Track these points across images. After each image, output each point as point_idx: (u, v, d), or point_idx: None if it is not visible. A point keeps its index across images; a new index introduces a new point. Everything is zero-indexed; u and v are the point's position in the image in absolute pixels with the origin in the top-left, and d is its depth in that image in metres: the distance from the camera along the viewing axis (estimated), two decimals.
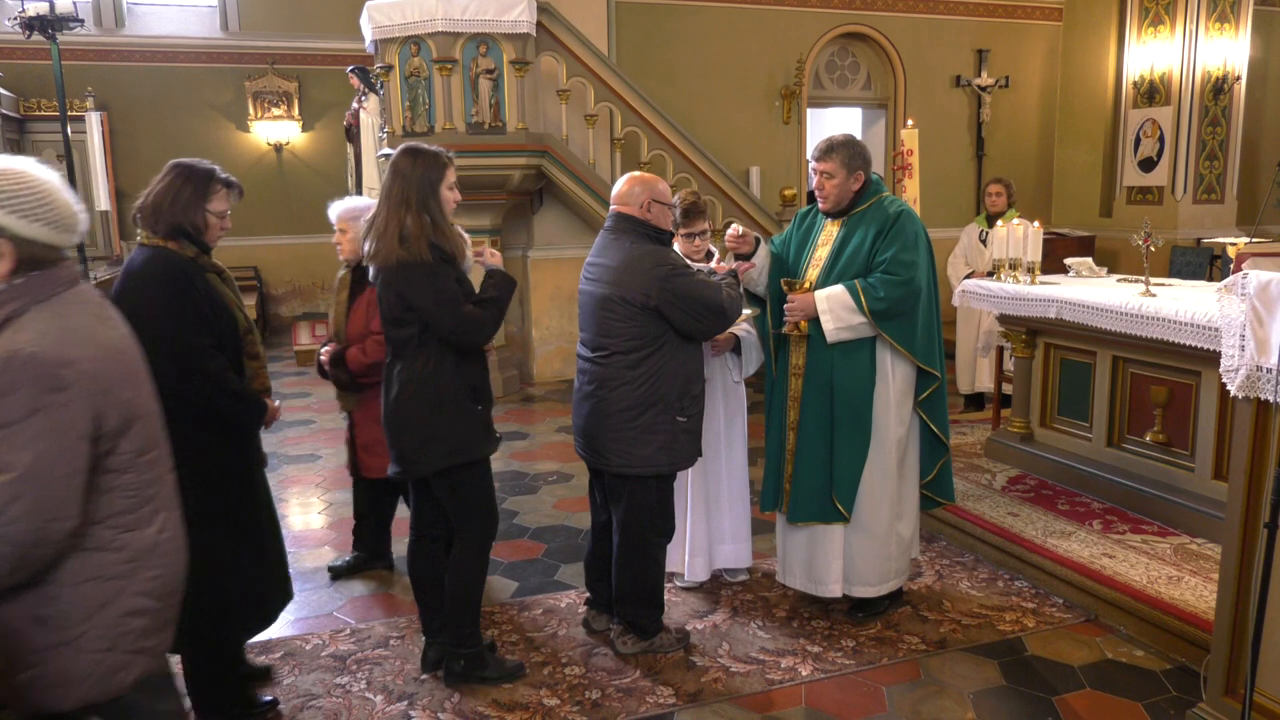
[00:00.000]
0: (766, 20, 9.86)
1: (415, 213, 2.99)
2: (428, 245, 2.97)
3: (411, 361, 3.07)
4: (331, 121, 11.47)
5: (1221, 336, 2.66)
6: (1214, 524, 3.91)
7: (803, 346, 3.59)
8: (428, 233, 2.99)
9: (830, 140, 3.54)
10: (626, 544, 3.41)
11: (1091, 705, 3.13)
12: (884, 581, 3.67)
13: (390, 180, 3.05)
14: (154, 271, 2.77)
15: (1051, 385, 5.14)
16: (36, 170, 1.79)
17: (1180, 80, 9.40)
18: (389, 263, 2.99)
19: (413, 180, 3.01)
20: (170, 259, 2.80)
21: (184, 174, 2.85)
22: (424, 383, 3.06)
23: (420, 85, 7.28)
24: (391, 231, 2.97)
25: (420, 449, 3.10)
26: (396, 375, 3.11)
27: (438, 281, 3.00)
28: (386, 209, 3.02)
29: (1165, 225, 9.33)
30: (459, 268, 3.10)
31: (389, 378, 3.16)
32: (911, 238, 3.46)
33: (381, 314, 3.14)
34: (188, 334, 2.75)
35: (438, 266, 3.00)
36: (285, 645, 3.60)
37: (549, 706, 3.16)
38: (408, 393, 3.08)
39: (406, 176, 3.02)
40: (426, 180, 3.02)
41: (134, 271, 2.79)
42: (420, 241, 2.96)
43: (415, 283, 2.98)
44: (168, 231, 2.82)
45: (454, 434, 3.09)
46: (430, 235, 2.99)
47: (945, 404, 3.69)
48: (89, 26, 10.27)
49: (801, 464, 3.60)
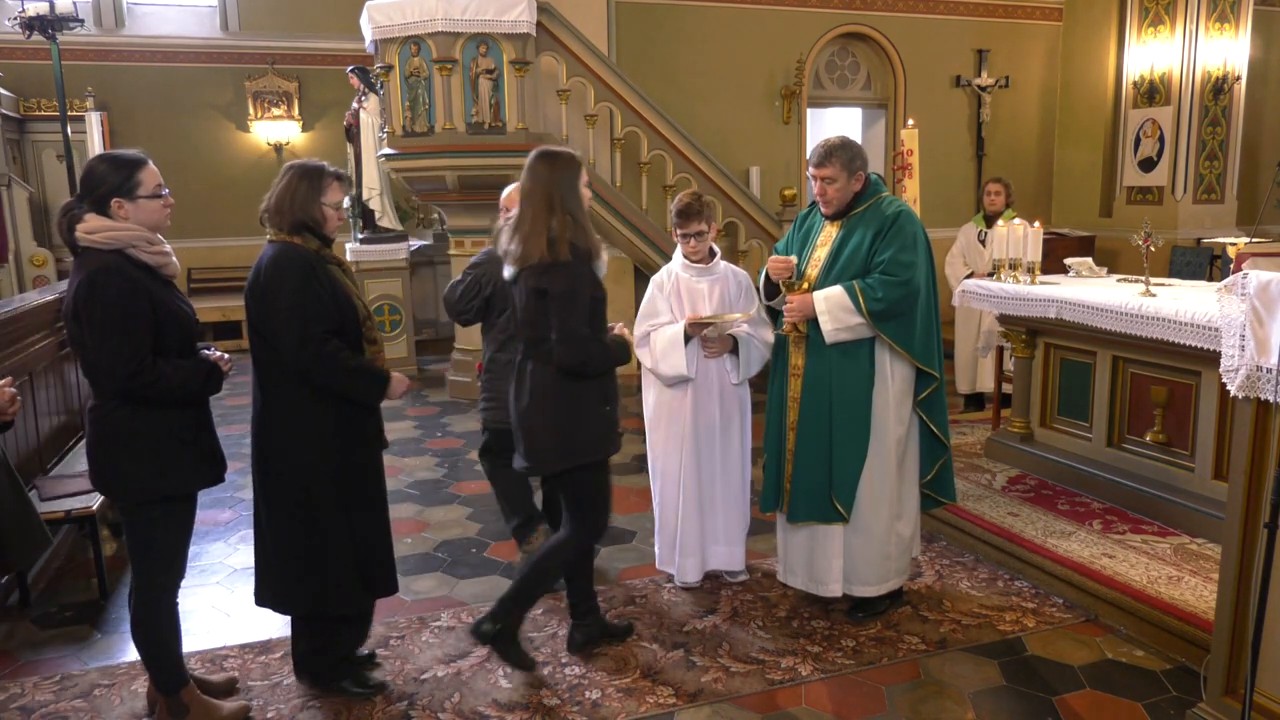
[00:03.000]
0: (766, 20, 9.86)
1: (560, 214, 3.13)
2: (569, 246, 3.12)
3: (547, 363, 3.20)
4: (331, 121, 11.46)
5: (1221, 336, 2.66)
6: (1214, 524, 3.91)
7: (801, 347, 3.59)
8: (570, 233, 3.13)
9: (827, 145, 3.51)
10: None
11: (1091, 705, 3.13)
12: (883, 581, 3.67)
13: (531, 184, 3.18)
14: (281, 265, 2.92)
15: (1051, 385, 5.14)
16: None
17: (1180, 80, 9.41)
18: (532, 262, 3.11)
19: (554, 182, 3.16)
20: (296, 253, 2.95)
21: (299, 173, 3.00)
22: (558, 383, 3.20)
23: (420, 85, 7.28)
24: (539, 232, 3.11)
25: (550, 448, 3.26)
26: (530, 374, 3.24)
27: (576, 282, 3.15)
28: (532, 211, 3.15)
29: (1165, 225, 9.34)
30: (594, 265, 3.24)
31: (520, 375, 3.29)
32: (910, 238, 3.45)
33: (520, 314, 3.25)
34: (312, 322, 2.89)
35: (578, 266, 3.15)
36: (285, 645, 3.59)
37: (549, 706, 3.16)
38: (541, 392, 3.21)
39: (547, 179, 3.17)
40: (566, 181, 3.18)
41: (264, 266, 2.95)
42: (564, 243, 3.11)
43: (558, 282, 3.12)
44: (291, 227, 2.97)
45: (583, 435, 3.24)
46: (572, 234, 3.14)
47: (945, 404, 3.68)
48: (89, 26, 10.26)
49: (801, 464, 3.60)
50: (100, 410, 2.80)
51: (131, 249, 2.73)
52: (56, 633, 3.76)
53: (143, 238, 2.76)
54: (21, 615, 3.90)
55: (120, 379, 2.69)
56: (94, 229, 2.70)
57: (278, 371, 2.96)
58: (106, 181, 2.73)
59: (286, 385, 2.97)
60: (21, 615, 3.90)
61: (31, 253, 10.08)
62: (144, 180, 2.77)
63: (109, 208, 2.73)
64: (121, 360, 2.66)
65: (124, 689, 3.31)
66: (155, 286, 2.78)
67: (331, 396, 2.98)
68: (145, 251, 2.76)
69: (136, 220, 2.76)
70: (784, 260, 3.59)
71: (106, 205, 2.73)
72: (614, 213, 7.81)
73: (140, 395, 2.73)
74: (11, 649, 3.63)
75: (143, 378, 2.69)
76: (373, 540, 3.16)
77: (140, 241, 2.75)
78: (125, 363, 2.67)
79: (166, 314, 2.77)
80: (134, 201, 2.75)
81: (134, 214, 2.76)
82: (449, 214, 8.23)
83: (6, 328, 4.33)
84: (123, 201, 2.74)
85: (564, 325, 3.11)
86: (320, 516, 3.02)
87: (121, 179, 2.74)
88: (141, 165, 2.79)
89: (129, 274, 2.70)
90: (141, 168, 2.78)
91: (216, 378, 2.90)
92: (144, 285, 2.73)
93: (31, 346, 4.67)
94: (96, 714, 3.16)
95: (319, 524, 3.02)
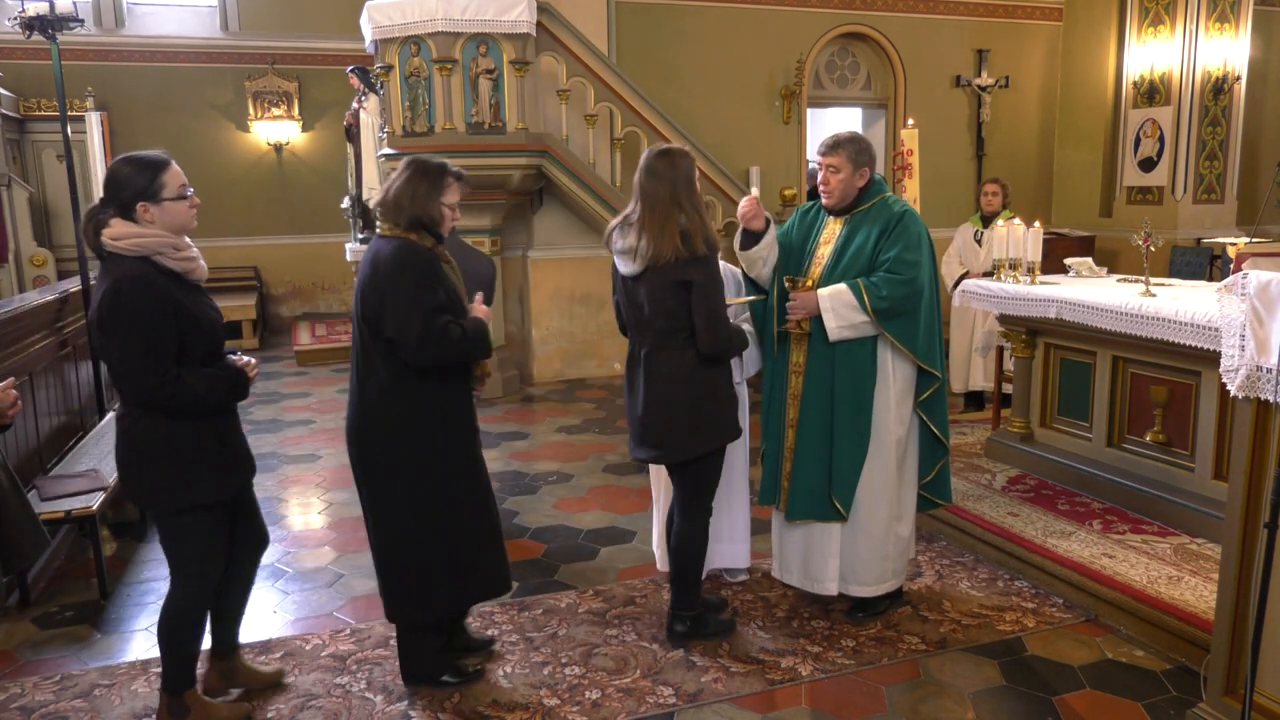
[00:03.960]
0: (766, 20, 9.86)
1: (687, 211, 3.22)
2: (704, 240, 3.22)
3: (683, 351, 3.29)
4: (331, 121, 11.47)
5: (1221, 336, 2.66)
6: (1214, 524, 3.91)
7: (804, 345, 3.59)
8: (699, 227, 3.23)
9: (837, 136, 3.54)
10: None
11: (1091, 705, 3.13)
12: (881, 582, 3.67)
13: (653, 183, 3.23)
14: (402, 260, 2.95)
15: (1051, 385, 5.14)
16: None
17: (1180, 80, 9.41)
18: (666, 259, 3.18)
19: (677, 180, 3.23)
20: (416, 249, 2.99)
21: (420, 170, 3.03)
22: (696, 370, 3.30)
23: (420, 85, 7.28)
24: (670, 230, 3.18)
25: (686, 435, 3.34)
26: (663, 362, 3.31)
27: (715, 273, 3.29)
28: (660, 209, 3.21)
29: (1165, 225, 9.34)
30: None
31: (650, 366, 3.34)
32: (915, 238, 3.46)
33: (652, 307, 3.28)
34: (428, 310, 2.91)
35: (712, 257, 3.28)
36: (285, 645, 3.60)
37: (549, 706, 3.16)
38: (679, 380, 3.30)
39: (670, 177, 3.23)
40: (688, 177, 3.25)
41: (382, 259, 2.97)
42: (699, 237, 3.20)
43: (700, 273, 3.22)
44: (408, 224, 3.00)
45: (720, 419, 3.38)
46: (701, 229, 3.23)
47: (945, 405, 3.68)
48: (89, 26, 10.27)
49: (800, 462, 3.60)
50: (127, 419, 2.79)
51: (158, 256, 2.71)
52: (56, 633, 3.76)
53: (169, 244, 2.73)
54: (21, 615, 3.90)
55: (144, 390, 2.68)
56: (120, 235, 2.67)
57: (386, 366, 2.99)
58: (131, 185, 2.70)
59: (393, 382, 3.00)
60: (21, 615, 3.90)
61: (31, 253, 10.09)
62: (168, 182, 2.75)
63: (135, 212, 2.70)
64: (144, 372, 2.65)
65: (124, 689, 3.31)
66: (182, 293, 2.75)
67: (441, 392, 3.03)
68: (171, 258, 2.74)
69: (163, 223, 2.73)
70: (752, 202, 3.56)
71: (132, 209, 2.70)
72: (614, 213, 7.77)
73: (165, 406, 2.72)
74: (11, 649, 3.63)
75: (166, 389, 2.67)
76: (484, 537, 3.22)
77: (166, 248, 2.73)
78: (148, 374, 2.65)
79: (192, 321, 2.75)
80: (159, 204, 2.72)
81: (160, 217, 2.73)
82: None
83: (6, 328, 4.34)
84: (148, 205, 2.71)
85: (712, 313, 3.23)
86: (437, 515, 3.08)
87: (146, 182, 2.71)
88: (165, 167, 2.76)
89: (154, 282, 2.68)
90: (165, 169, 2.75)
91: (243, 384, 2.89)
92: (169, 294, 2.70)
93: (31, 346, 4.67)
94: (96, 714, 3.16)
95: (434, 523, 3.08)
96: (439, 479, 3.07)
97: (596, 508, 5.16)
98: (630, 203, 3.33)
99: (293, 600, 4.06)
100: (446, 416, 3.07)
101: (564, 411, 7.27)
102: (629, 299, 3.39)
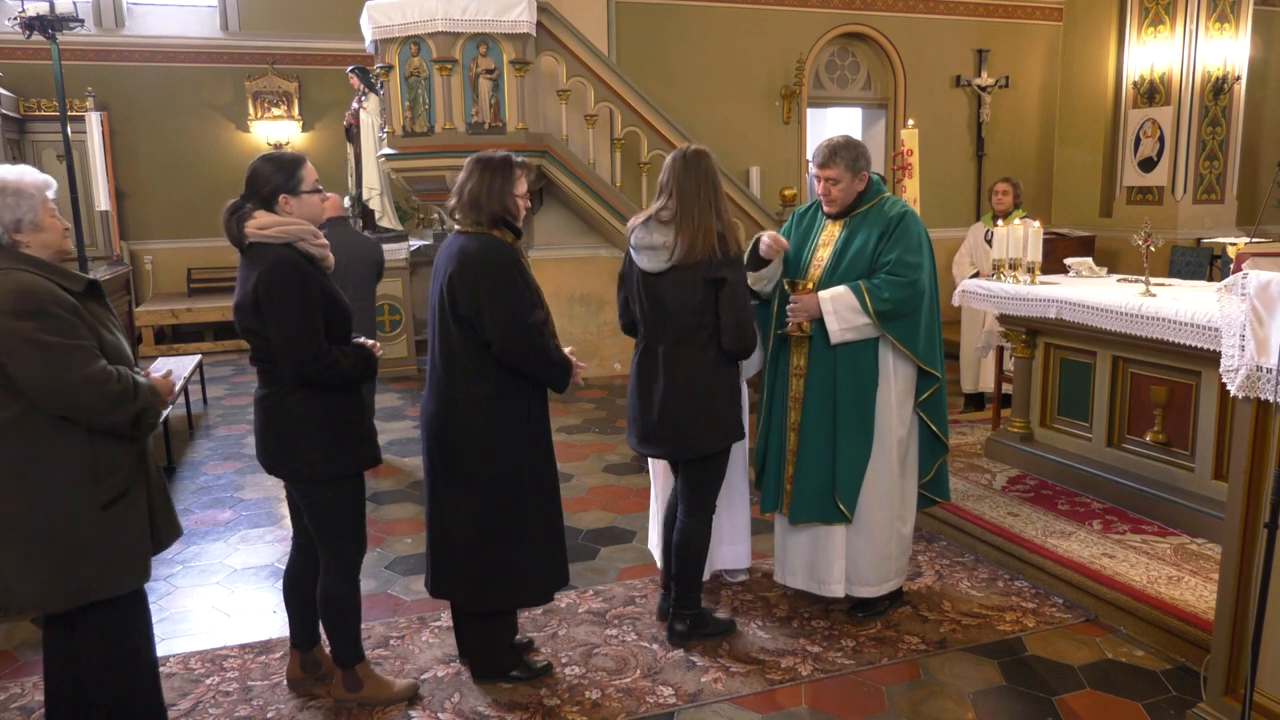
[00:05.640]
0: (766, 20, 9.86)
1: (718, 213, 3.30)
2: (735, 241, 3.33)
3: (704, 349, 3.34)
4: (331, 121, 11.47)
5: (1221, 336, 2.66)
6: (1214, 524, 3.91)
7: (804, 347, 3.59)
8: (732, 228, 3.34)
9: (831, 144, 3.52)
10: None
11: (1091, 705, 3.13)
12: (884, 581, 3.68)
13: (691, 181, 3.27)
14: (490, 256, 3.03)
15: (1051, 385, 5.14)
16: None
17: (1180, 80, 9.40)
18: (698, 258, 3.23)
19: (714, 181, 3.32)
20: (502, 246, 3.07)
21: (489, 166, 3.11)
22: (715, 368, 3.37)
23: (420, 85, 7.29)
24: (708, 228, 3.25)
25: (703, 431, 3.39)
26: (685, 359, 3.36)
27: (742, 274, 3.39)
28: (699, 208, 3.25)
29: (1165, 225, 9.33)
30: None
31: (671, 362, 3.37)
32: (915, 239, 3.46)
33: (676, 303, 3.32)
34: (524, 312, 3.02)
35: (740, 259, 3.38)
36: (285, 645, 3.59)
37: (549, 706, 3.16)
38: (699, 378, 3.36)
39: (708, 177, 3.30)
40: (717, 179, 3.34)
41: (470, 255, 3.04)
42: (731, 238, 3.31)
43: (733, 273, 3.29)
44: (490, 221, 3.09)
45: (732, 420, 3.45)
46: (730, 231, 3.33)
47: (945, 405, 3.69)
48: (89, 26, 10.26)
49: (803, 465, 3.60)
50: (273, 398, 2.95)
51: (300, 242, 2.90)
52: None
53: (309, 230, 2.93)
54: (21, 615, 3.90)
55: (303, 364, 2.84)
56: (265, 224, 2.86)
57: (473, 361, 3.05)
58: (272, 180, 2.91)
59: (481, 375, 3.06)
60: (21, 615, 3.90)
61: None
62: (305, 177, 2.95)
63: (276, 204, 2.91)
64: (304, 346, 2.83)
65: None
66: (321, 277, 2.94)
67: (524, 386, 3.12)
68: (311, 244, 2.93)
69: (299, 214, 2.93)
70: (780, 241, 3.57)
71: (274, 202, 2.91)
72: (614, 213, 7.81)
73: (317, 379, 2.89)
74: (11, 649, 3.64)
75: (321, 361, 2.86)
76: (559, 529, 3.29)
77: (307, 234, 2.92)
78: (308, 347, 2.83)
79: (333, 303, 2.94)
80: (298, 197, 2.93)
81: (298, 209, 2.93)
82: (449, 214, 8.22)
83: None
84: (288, 197, 2.91)
85: (742, 312, 3.31)
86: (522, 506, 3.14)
87: (285, 177, 2.92)
88: (302, 163, 2.98)
89: (302, 265, 2.87)
90: (302, 166, 2.97)
91: (375, 364, 3.07)
92: (314, 276, 2.91)
93: None
94: None
95: (520, 513, 3.14)
96: (525, 469, 3.15)
97: (596, 508, 5.16)
98: (659, 199, 3.35)
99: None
100: (530, 407, 3.15)
101: (564, 411, 7.27)
102: (648, 294, 3.38)
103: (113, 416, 2.49)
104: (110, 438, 2.54)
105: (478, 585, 3.18)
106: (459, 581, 3.20)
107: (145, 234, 11.24)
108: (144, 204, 11.24)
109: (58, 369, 2.40)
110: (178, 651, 3.58)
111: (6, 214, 2.48)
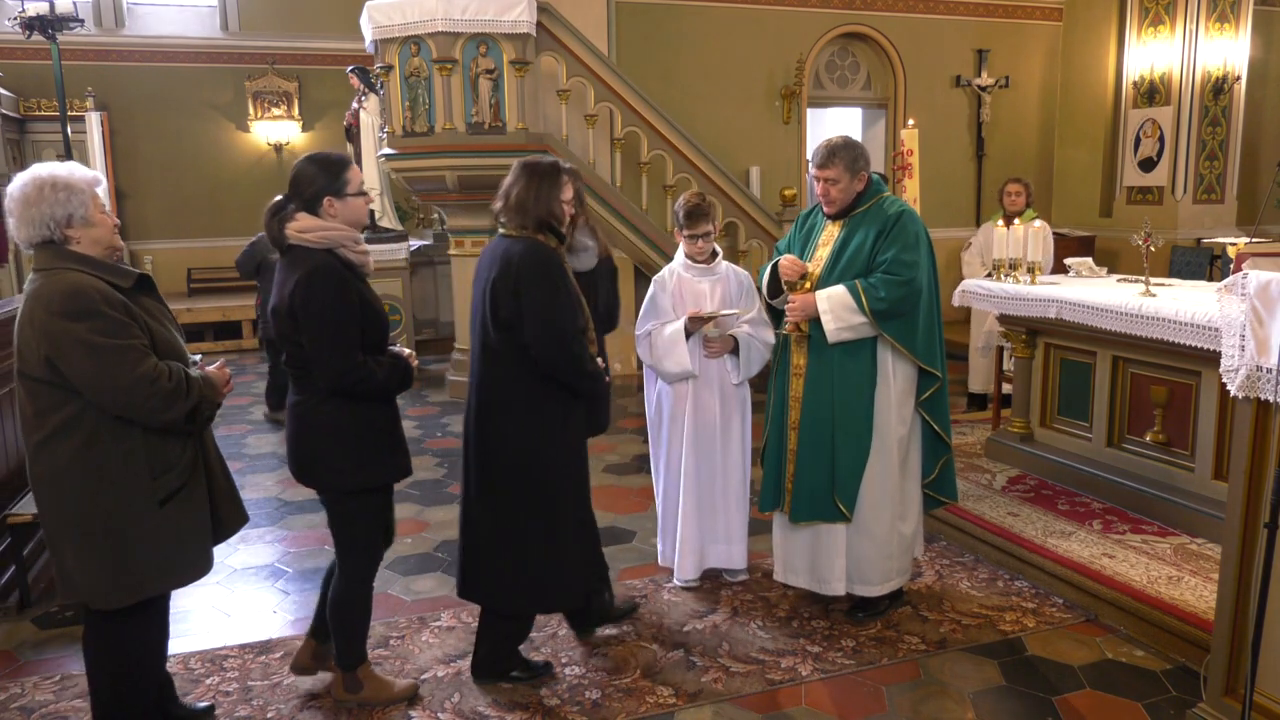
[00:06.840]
0: (766, 20, 9.86)
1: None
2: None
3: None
4: (331, 121, 11.47)
5: (1221, 336, 2.66)
6: (1214, 524, 3.91)
7: (804, 347, 3.59)
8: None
9: (830, 145, 3.51)
10: None
11: (1091, 705, 3.13)
12: (885, 581, 3.67)
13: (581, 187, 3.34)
14: (533, 260, 3.01)
15: (1051, 385, 5.14)
16: None
17: (1180, 80, 9.40)
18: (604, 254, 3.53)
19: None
20: (545, 250, 3.06)
21: (535, 171, 3.11)
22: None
23: (420, 85, 7.29)
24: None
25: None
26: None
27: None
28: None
29: (1165, 225, 9.33)
30: None
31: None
32: (912, 238, 3.45)
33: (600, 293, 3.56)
34: (563, 317, 3.02)
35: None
36: (285, 645, 3.60)
37: (549, 706, 3.16)
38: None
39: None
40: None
41: (513, 257, 3.01)
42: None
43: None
44: (535, 225, 3.07)
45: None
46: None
47: (947, 404, 3.68)
48: (89, 26, 10.27)
49: (803, 464, 3.60)
50: (305, 405, 2.91)
51: (341, 248, 2.85)
52: (56, 633, 3.76)
53: (351, 237, 2.89)
54: (21, 615, 3.90)
55: (336, 376, 2.81)
56: (307, 228, 2.81)
57: (513, 364, 3.05)
58: (316, 182, 2.86)
59: (520, 380, 3.07)
60: (21, 615, 3.90)
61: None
62: (350, 180, 2.90)
63: (320, 206, 2.85)
64: (338, 358, 2.79)
65: None
66: (359, 284, 2.90)
67: (563, 393, 3.11)
68: (352, 251, 2.89)
69: (344, 217, 2.89)
70: (797, 264, 3.58)
71: (318, 205, 2.85)
72: (614, 213, 7.81)
73: (351, 391, 2.85)
74: (11, 649, 3.63)
75: (355, 374, 2.82)
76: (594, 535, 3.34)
77: (349, 241, 2.88)
78: (342, 359, 2.79)
79: (371, 311, 2.90)
80: (343, 199, 2.87)
81: (342, 211, 2.88)
82: (449, 214, 8.23)
83: (6, 328, 4.33)
84: (333, 200, 2.86)
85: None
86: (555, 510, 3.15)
87: (330, 179, 2.87)
88: (348, 165, 2.93)
89: (340, 274, 2.82)
90: (348, 168, 2.92)
91: (410, 374, 3.03)
92: (353, 284, 2.85)
93: None
94: None
95: (553, 518, 3.15)
96: (561, 475, 3.17)
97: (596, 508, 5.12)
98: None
99: (293, 600, 4.06)
100: (568, 414, 3.16)
101: None
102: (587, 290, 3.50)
103: (168, 414, 2.50)
104: (166, 434, 2.55)
105: (509, 588, 3.18)
106: (490, 583, 3.20)
107: (145, 234, 11.24)
108: (144, 204, 11.25)
109: (110, 369, 2.40)
110: (178, 651, 3.57)
111: (58, 209, 2.47)
